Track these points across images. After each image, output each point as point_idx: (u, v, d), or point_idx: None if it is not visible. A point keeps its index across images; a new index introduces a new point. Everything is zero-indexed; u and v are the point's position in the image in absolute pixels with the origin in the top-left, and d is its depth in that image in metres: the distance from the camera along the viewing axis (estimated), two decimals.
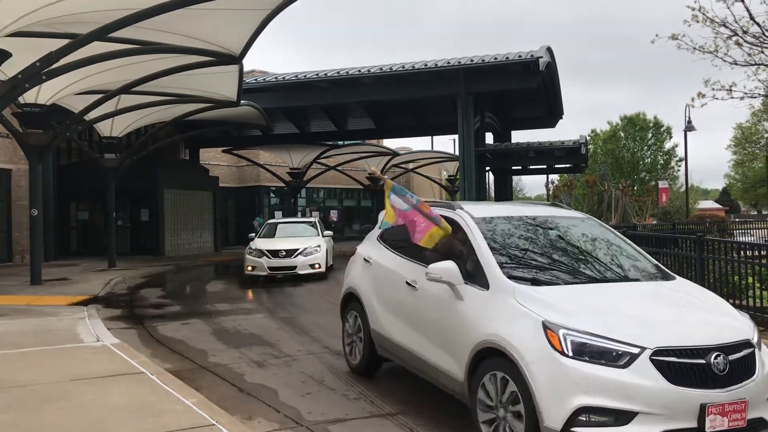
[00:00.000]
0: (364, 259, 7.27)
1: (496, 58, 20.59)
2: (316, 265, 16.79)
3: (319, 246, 17.15)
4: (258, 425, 5.62)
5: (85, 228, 27.60)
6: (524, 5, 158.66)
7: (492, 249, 5.40)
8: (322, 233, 18.48)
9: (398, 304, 6.35)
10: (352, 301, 7.36)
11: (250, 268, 16.80)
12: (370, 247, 7.40)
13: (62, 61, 11.73)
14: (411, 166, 42.16)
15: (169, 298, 14.47)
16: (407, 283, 6.15)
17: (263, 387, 6.83)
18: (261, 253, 16.76)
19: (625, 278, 5.53)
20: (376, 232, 7.45)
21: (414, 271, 6.14)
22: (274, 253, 16.67)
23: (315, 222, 19.59)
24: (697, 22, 13.20)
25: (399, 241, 6.80)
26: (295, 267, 16.58)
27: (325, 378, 7.17)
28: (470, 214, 5.94)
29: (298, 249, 16.76)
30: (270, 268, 16.61)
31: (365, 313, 6.94)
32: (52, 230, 22.54)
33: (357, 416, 5.89)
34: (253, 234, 18.69)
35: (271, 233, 18.40)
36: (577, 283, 5.25)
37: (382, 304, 6.65)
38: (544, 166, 27.71)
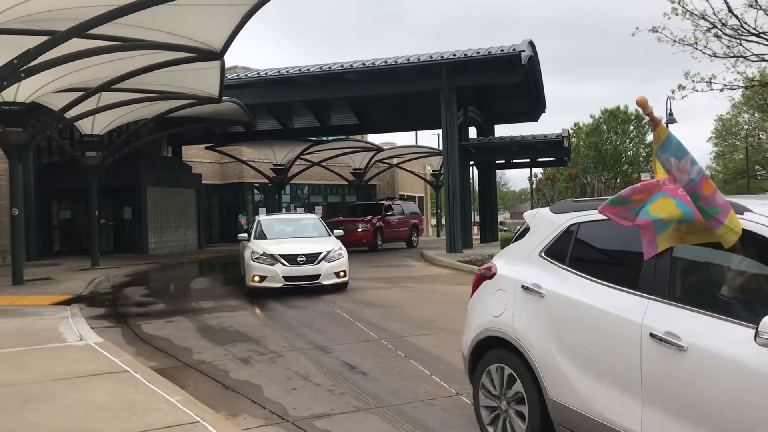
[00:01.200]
0: (524, 287, 4.62)
1: (478, 53, 20.64)
2: (342, 273, 13.70)
3: (341, 249, 14.08)
4: (243, 422, 5.62)
5: (67, 227, 27.37)
6: (510, 0, 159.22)
7: None
8: (332, 232, 15.58)
9: (626, 369, 3.76)
10: (497, 352, 4.79)
11: (257, 278, 13.20)
12: (528, 269, 4.73)
13: (41, 59, 11.63)
14: (395, 161, 42.18)
15: (153, 296, 14.40)
16: (653, 336, 3.58)
17: (248, 383, 6.82)
18: (273, 259, 13.25)
19: None
20: (533, 242, 4.84)
21: (665, 316, 3.61)
22: (291, 259, 13.28)
23: (319, 219, 16.51)
24: (677, 14, 13.34)
25: (610, 260, 4.45)
26: (318, 276, 13.31)
27: (310, 374, 7.18)
28: None
29: (320, 253, 13.52)
30: (287, 279, 13.17)
31: (537, 377, 4.37)
32: (33, 230, 22.33)
33: (343, 411, 5.90)
34: (245, 234, 15.34)
35: (269, 233, 15.06)
36: None
37: (582, 366, 4.09)
38: (528, 160, 27.85)
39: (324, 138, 34.09)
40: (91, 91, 15.80)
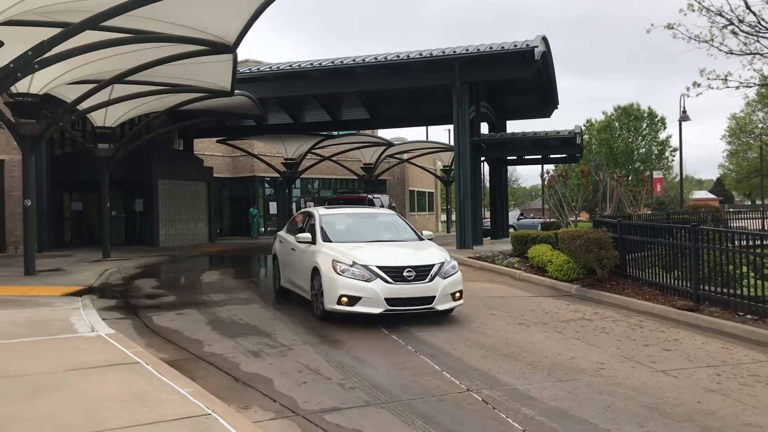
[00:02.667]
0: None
1: (491, 48, 20.54)
2: (457, 294, 9.88)
3: (453, 260, 10.32)
4: (254, 414, 5.62)
5: (79, 218, 27.47)
6: None
7: None
8: (422, 234, 11.52)
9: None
10: None
11: (345, 300, 9.32)
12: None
13: (55, 50, 11.64)
14: (406, 156, 42.10)
15: (164, 288, 14.43)
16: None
17: (259, 376, 6.82)
18: (368, 272, 9.39)
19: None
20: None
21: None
22: (395, 274, 9.43)
23: (399, 216, 12.60)
24: (693, 11, 13.19)
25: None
26: (432, 300, 9.49)
27: (321, 367, 7.17)
28: None
29: (432, 265, 9.70)
30: (390, 302, 9.29)
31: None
32: (45, 221, 22.44)
33: (353, 405, 5.89)
34: (307, 235, 10.93)
35: (335, 233, 10.98)
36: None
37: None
38: (539, 156, 27.72)
39: (335, 132, 34.06)
40: (103, 83, 15.82)
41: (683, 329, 9.38)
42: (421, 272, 9.54)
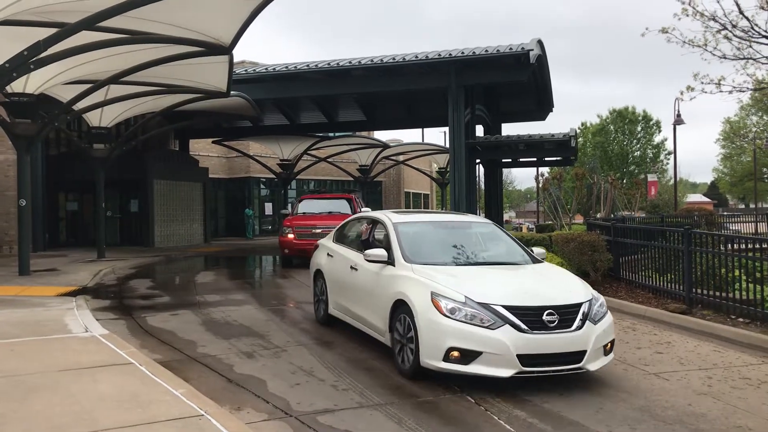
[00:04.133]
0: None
1: (486, 51, 20.58)
2: (608, 346, 6.97)
3: (602, 298, 7.34)
4: (247, 415, 5.64)
5: (74, 218, 27.43)
6: (524, 1, 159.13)
7: None
8: (532, 252, 8.45)
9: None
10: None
11: (456, 354, 6.43)
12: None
13: (50, 50, 11.64)
14: (401, 158, 42.14)
15: (159, 289, 14.43)
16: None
17: (252, 378, 6.84)
18: (493, 315, 6.47)
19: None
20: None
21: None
22: (530, 317, 6.51)
23: (497, 226, 9.25)
24: (687, 15, 13.28)
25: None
26: (582, 355, 6.57)
27: (314, 369, 7.19)
28: None
29: (579, 304, 6.80)
30: (525, 359, 6.38)
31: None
32: (40, 221, 22.40)
33: (346, 407, 5.91)
34: (382, 252, 7.87)
35: (417, 251, 7.85)
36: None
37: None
38: (534, 159, 27.72)
39: (331, 134, 34.03)
40: (99, 83, 15.82)
41: (676, 332, 9.43)
42: (566, 315, 6.55)
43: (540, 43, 21.64)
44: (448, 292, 6.63)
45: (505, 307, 6.44)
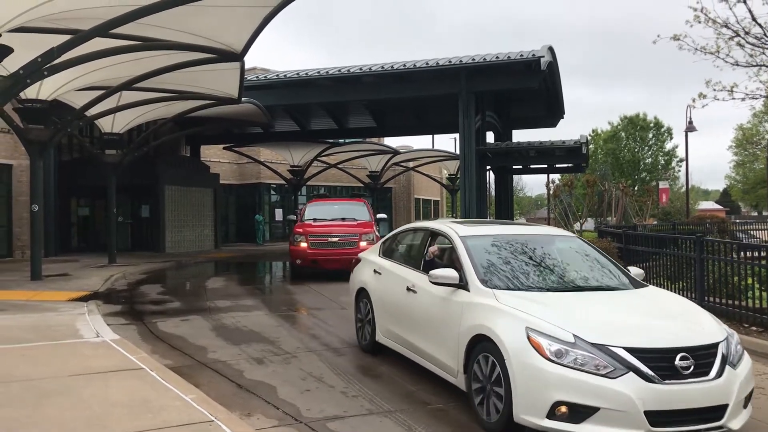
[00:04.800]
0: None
1: (497, 57, 20.58)
2: (748, 395, 5.44)
3: (737, 335, 5.90)
4: (257, 422, 5.64)
5: (85, 224, 27.59)
6: (537, 7, 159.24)
7: None
8: (629, 272, 6.98)
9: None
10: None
11: (564, 409, 4.95)
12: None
13: (64, 57, 11.72)
14: (411, 164, 42.15)
15: (169, 294, 14.47)
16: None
17: (262, 384, 6.84)
18: (612, 359, 4.98)
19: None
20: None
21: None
22: (660, 363, 5.03)
23: (583, 240, 7.81)
24: (699, 22, 13.20)
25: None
26: (724, 410, 5.06)
27: (324, 375, 7.19)
28: None
29: (716, 344, 5.33)
30: (654, 418, 4.86)
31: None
32: (52, 226, 22.54)
33: (356, 413, 5.90)
34: (452, 275, 6.40)
35: (505, 273, 6.45)
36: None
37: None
38: (545, 166, 27.68)
39: (341, 140, 34.13)
40: (111, 89, 15.93)
41: None
42: (703, 359, 5.16)
43: (551, 49, 21.63)
44: (550, 328, 5.19)
45: (627, 349, 5.00)
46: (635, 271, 6.97)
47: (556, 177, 48.89)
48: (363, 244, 16.35)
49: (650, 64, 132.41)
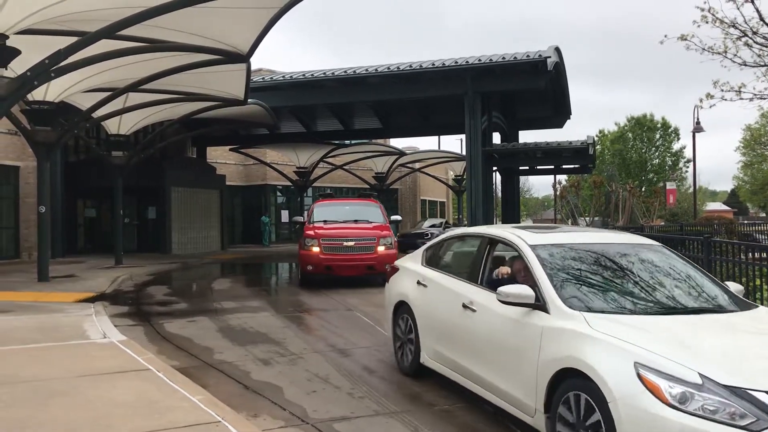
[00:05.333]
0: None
1: (503, 58, 20.54)
2: None
3: None
4: (264, 422, 5.63)
5: (92, 225, 27.69)
6: (546, 7, 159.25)
7: None
8: (728, 288, 5.75)
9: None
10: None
11: None
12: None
13: (70, 59, 11.77)
14: (418, 165, 42.14)
15: (176, 295, 14.50)
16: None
17: (269, 385, 6.84)
18: (754, 405, 3.84)
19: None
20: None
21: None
22: None
23: (668, 249, 6.47)
24: (707, 22, 13.18)
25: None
26: None
27: (330, 376, 7.17)
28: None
29: None
30: None
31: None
32: (59, 227, 22.62)
33: (362, 414, 5.89)
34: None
35: (589, 293, 5.25)
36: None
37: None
38: (552, 167, 27.64)
39: (347, 141, 34.16)
40: (118, 91, 15.98)
41: None
42: None
43: (557, 50, 21.58)
44: (668, 365, 4.12)
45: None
46: (735, 287, 5.86)
47: (562, 178, 48.91)
48: (381, 248, 15.45)
49: (658, 65, 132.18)
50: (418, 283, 7.16)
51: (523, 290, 5.20)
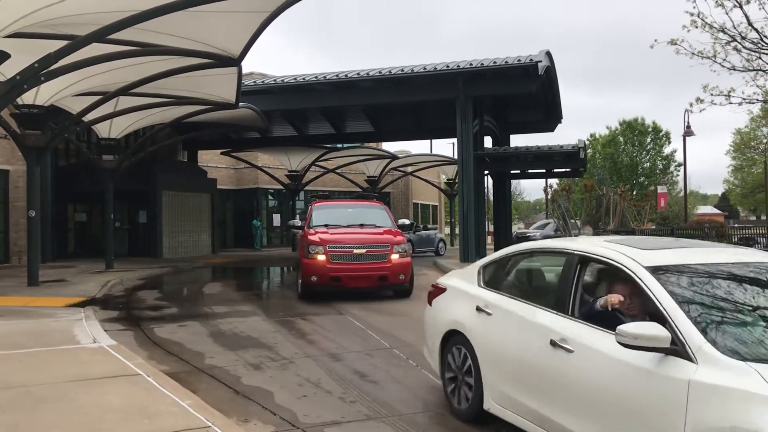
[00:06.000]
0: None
1: (495, 62, 20.62)
2: None
3: None
4: (254, 427, 5.61)
5: (82, 229, 27.57)
6: (541, 12, 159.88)
7: None
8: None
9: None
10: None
11: None
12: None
13: (61, 63, 11.72)
14: (410, 169, 42.18)
15: (167, 300, 14.45)
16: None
17: (259, 389, 6.82)
18: None
19: None
20: None
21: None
22: None
23: None
24: (696, 27, 13.26)
25: None
26: None
27: (321, 381, 7.16)
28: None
29: None
30: None
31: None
32: (49, 231, 22.50)
33: (353, 419, 5.88)
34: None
35: (741, 331, 3.85)
36: None
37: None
38: (543, 171, 27.74)
39: (339, 145, 34.19)
40: (108, 95, 15.93)
41: None
42: None
43: (548, 54, 21.68)
44: None
45: None
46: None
47: (554, 182, 49.02)
48: (395, 256, 13.78)
49: (651, 69, 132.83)
50: (478, 309, 5.77)
51: (655, 330, 3.82)
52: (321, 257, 13.47)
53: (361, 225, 14.96)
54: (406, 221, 17.10)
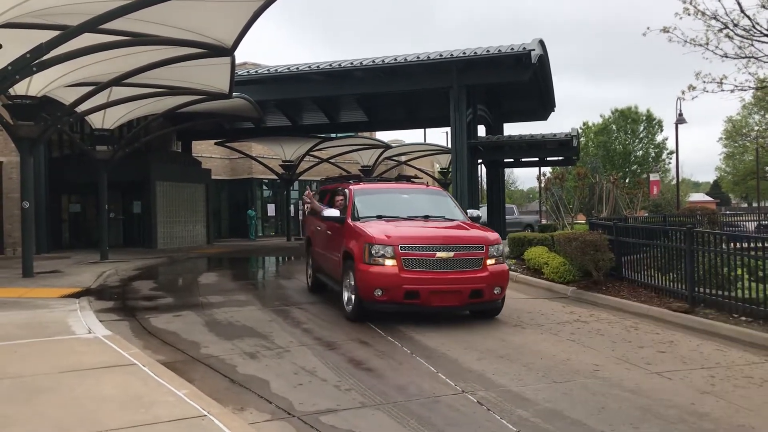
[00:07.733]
0: None
1: (488, 51, 20.60)
2: None
3: None
4: (250, 416, 5.65)
5: (77, 220, 27.50)
6: (536, 3, 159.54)
7: None
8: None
9: None
10: None
11: None
12: None
13: (53, 53, 11.68)
14: (403, 158, 42.17)
15: (162, 290, 14.46)
16: None
17: (255, 378, 6.86)
18: None
19: None
20: None
21: None
22: None
23: None
24: (689, 14, 13.28)
25: None
26: None
27: (317, 369, 7.20)
28: None
29: None
30: None
31: None
32: (43, 223, 22.45)
33: (349, 406, 5.93)
34: None
35: None
36: None
37: None
38: (536, 159, 27.78)
39: (333, 135, 34.16)
40: (101, 85, 15.86)
41: (678, 331, 9.43)
42: None
43: (541, 43, 21.67)
44: None
45: None
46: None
47: (547, 170, 48.98)
48: (490, 262, 9.84)
49: (645, 58, 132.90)
50: None
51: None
52: (390, 263, 9.49)
53: (426, 217, 10.95)
54: (475, 212, 12.30)
